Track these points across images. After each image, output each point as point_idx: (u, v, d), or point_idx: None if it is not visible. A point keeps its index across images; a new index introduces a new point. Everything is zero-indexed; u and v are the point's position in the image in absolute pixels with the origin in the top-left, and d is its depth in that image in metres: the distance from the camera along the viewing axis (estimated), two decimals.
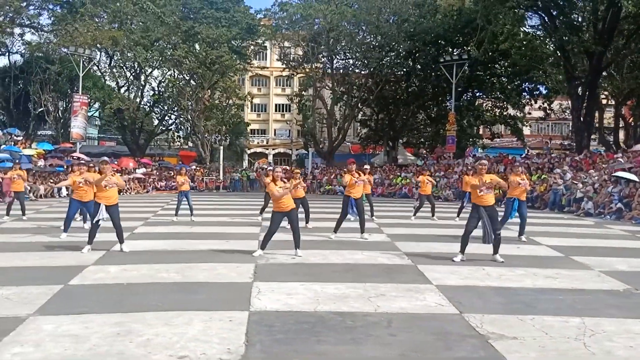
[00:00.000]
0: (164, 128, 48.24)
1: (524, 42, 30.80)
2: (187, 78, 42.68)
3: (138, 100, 44.03)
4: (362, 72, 42.24)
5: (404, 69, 40.67)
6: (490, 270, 8.37)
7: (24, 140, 34.51)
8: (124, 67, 43.51)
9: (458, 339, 5.11)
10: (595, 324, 5.62)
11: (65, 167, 30.48)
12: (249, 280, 7.48)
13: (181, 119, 46.38)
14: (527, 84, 39.60)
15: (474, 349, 4.86)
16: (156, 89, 45.31)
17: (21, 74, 43.00)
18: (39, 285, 6.92)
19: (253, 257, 9.15)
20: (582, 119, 29.95)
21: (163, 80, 43.69)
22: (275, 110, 63.52)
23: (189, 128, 46.58)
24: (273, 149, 63.35)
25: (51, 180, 28.14)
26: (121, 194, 10.28)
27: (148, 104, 46.35)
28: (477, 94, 41.99)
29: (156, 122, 48.10)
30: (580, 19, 30.12)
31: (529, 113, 42.04)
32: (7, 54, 43.50)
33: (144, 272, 7.90)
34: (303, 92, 44.45)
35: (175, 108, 44.48)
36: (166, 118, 47.58)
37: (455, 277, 7.86)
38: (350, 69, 42.22)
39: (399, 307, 6.18)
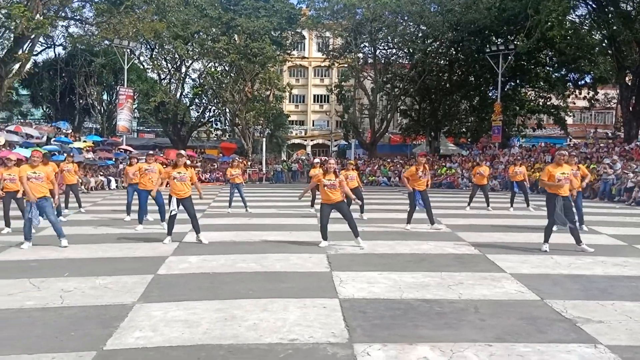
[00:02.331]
0: (204, 120, 48.82)
1: (571, 31, 30.45)
2: (227, 70, 43.09)
3: (179, 92, 44.69)
4: (405, 62, 42.14)
5: (447, 59, 40.46)
6: (559, 258, 8.51)
7: (73, 133, 35.45)
8: (165, 60, 44.18)
9: (547, 323, 5.32)
10: None
11: (115, 159, 31.33)
12: (326, 269, 7.75)
13: (221, 110, 46.92)
14: (572, 73, 38.94)
15: (566, 332, 5.06)
16: (196, 80, 45.86)
17: (66, 67, 43.85)
18: (130, 275, 7.31)
19: (320, 247, 9.42)
20: (631, 109, 29.50)
21: (203, 72, 44.20)
22: (314, 101, 63.63)
23: (230, 120, 47.08)
24: (312, 140, 63.49)
25: (101, 173, 28.98)
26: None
27: (188, 96, 46.99)
28: (521, 84, 41.51)
29: (196, 114, 48.69)
30: (630, 8, 29.54)
31: (573, 103, 41.41)
32: (52, 46, 44.47)
33: (223, 262, 8.24)
34: (343, 83, 44.51)
35: (215, 100, 44.98)
36: (207, 110, 48.15)
37: (527, 265, 8.03)
38: (393, 58, 42.14)
39: (480, 294, 6.39)
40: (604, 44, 31.96)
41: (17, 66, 32.61)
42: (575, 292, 6.53)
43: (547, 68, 39.78)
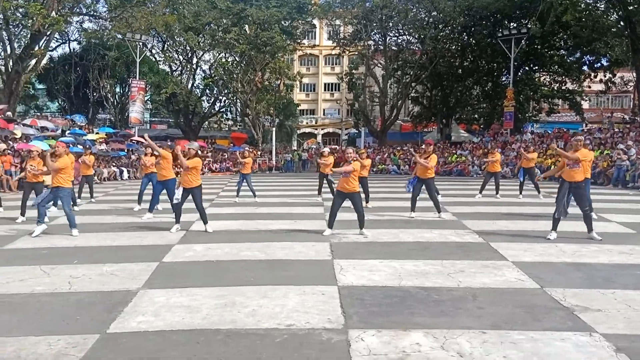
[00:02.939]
0: (215, 111, 49.08)
1: (585, 12, 29.97)
2: (238, 60, 43.18)
3: (190, 83, 44.88)
4: (416, 49, 41.91)
5: (459, 44, 40.19)
6: (564, 246, 8.49)
7: (87, 126, 35.83)
8: (177, 52, 44.38)
9: (545, 311, 5.34)
10: None
11: (127, 150, 31.60)
12: (328, 257, 7.83)
13: (232, 101, 47.04)
14: (587, 56, 38.41)
15: (562, 320, 5.08)
16: (207, 71, 46.05)
17: (80, 61, 44.35)
18: (137, 262, 7.48)
19: (325, 236, 9.50)
20: None
21: (214, 63, 44.34)
22: (325, 90, 63.50)
23: (240, 110, 47.23)
24: (322, 129, 63.45)
25: (114, 164, 29.24)
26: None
27: (199, 87, 47.21)
28: (535, 68, 41.09)
29: (207, 105, 48.93)
30: None
31: (589, 87, 40.90)
32: (67, 42, 45.10)
33: (228, 251, 8.36)
34: (353, 71, 44.40)
35: (226, 91, 45.15)
36: (217, 101, 48.34)
37: (530, 254, 8.02)
38: (404, 45, 41.94)
39: (480, 282, 6.42)
40: (619, 25, 31.49)
41: (33, 62, 33.28)
42: (577, 281, 6.53)
43: (562, 51, 39.28)
